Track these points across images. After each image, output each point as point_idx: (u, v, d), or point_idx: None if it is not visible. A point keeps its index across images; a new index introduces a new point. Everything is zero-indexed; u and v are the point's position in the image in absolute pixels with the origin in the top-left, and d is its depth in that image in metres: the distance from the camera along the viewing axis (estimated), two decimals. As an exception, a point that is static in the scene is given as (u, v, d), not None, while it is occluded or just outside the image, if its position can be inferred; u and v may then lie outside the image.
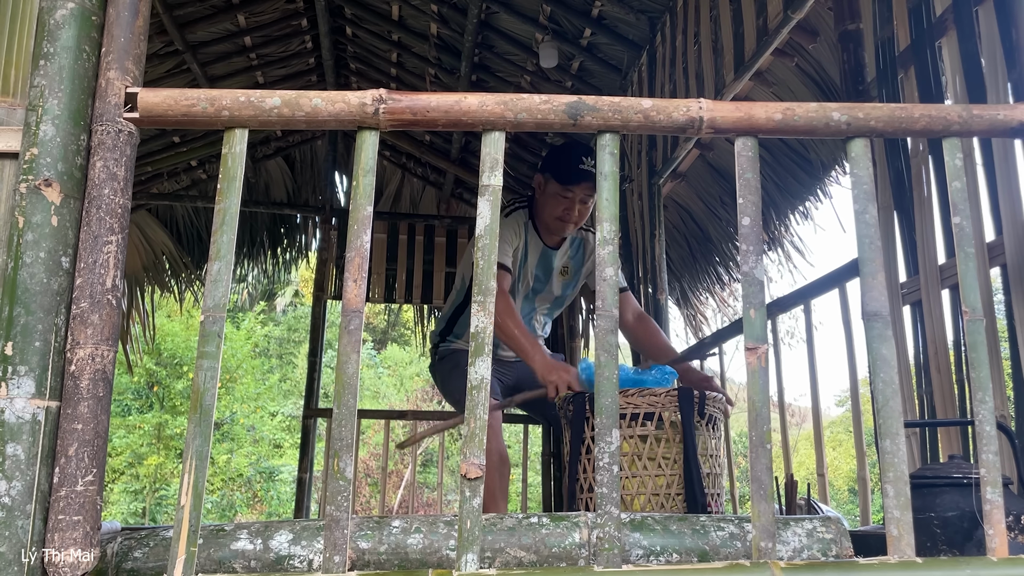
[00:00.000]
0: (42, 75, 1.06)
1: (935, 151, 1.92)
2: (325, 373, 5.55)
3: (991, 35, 1.77)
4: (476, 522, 0.96)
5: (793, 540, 1.20)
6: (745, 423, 2.27)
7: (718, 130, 1.12)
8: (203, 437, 0.98)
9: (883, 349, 1.06)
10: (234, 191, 1.06)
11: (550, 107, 1.10)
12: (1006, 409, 1.67)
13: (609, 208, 1.09)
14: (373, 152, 1.09)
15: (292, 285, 13.86)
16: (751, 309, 1.06)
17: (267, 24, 4.16)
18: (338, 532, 0.96)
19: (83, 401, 0.99)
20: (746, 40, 2.65)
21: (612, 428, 1.01)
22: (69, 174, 1.04)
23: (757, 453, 1.01)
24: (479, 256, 1.06)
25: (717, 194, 4.21)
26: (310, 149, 5.42)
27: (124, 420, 11.72)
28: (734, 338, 3.29)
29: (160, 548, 1.16)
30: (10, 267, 1.01)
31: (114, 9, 1.11)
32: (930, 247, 1.92)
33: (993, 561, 0.98)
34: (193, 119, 1.08)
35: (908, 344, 1.98)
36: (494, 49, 4.08)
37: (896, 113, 1.12)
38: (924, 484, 1.35)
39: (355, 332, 1.02)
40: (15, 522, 0.94)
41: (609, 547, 0.97)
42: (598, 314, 1.05)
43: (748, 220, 1.08)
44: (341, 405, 1.00)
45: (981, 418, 1.04)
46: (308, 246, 5.75)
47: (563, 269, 2.67)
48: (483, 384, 1.01)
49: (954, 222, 1.11)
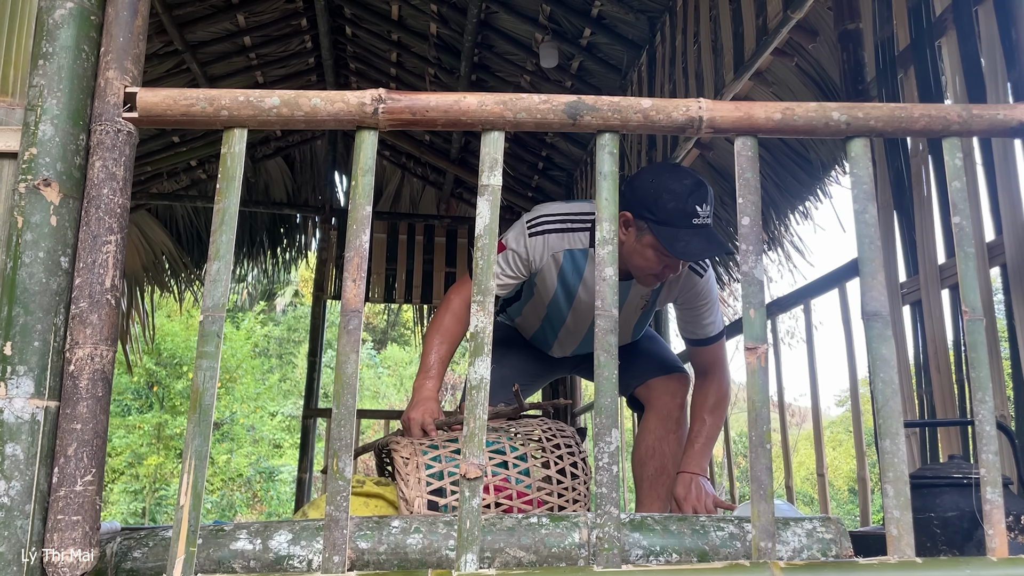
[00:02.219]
0: (41, 75, 1.06)
1: (935, 151, 1.92)
2: (325, 373, 5.56)
3: (991, 35, 1.77)
4: (476, 522, 0.96)
5: (793, 540, 1.20)
6: (745, 423, 2.25)
7: (718, 130, 1.12)
8: (202, 437, 0.98)
9: (883, 349, 1.06)
10: (233, 191, 1.05)
11: (549, 107, 1.10)
12: (1006, 409, 1.67)
13: (609, 208, 1.09)
14: (372, 152, 1.09)
15: (292, 285, 13.86)
16: (751, 309, 1.05)
17: (267, 24, 4.16)
18: (337, 532, 0.96)
19: (82, 401, 0.99)
20: (746, 40, 2.65)
21: (612, 428, 1.01)
22: (68, 174, 1.04)
23: (757, 453, 1.01)
24: (478, 256, 1.06)
25: (717, 194, 4.20)
26: (310, 149, 5.42)
27: (124, 420, 11.72)
28: (734, 338, 3.29)
29: (159, 548, 1.16)
30: (9, 267, 1.01)
31: (113, 9, 1.11)
32: (930, 247, 1.92)
33: (993, 561, 0.98)
34: (192, 119, 1.08)
35: (908, 344, 1.98)
36: (494, 49, 4.08)
37: (896, 113, 1.12)
38: (924, 484, 1.35)
39: (354, 332, 1.02)
40: (14, 522, 0.94)
41: (609, 547, 0.97)
42: (597, 314, 1.05)
43: (748, 220, 1.08)
44: (340, 405, 1.00)
45: (981, 418, 1.04)
46: (308, 246, 5.75)
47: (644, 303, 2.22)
48: (483, 384, 1.01)
49: (954, 222, 1.11)
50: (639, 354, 2.33)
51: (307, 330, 9.66)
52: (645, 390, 2.30)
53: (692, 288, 2.12)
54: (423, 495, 1.65)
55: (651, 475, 2.23)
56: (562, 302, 2.18)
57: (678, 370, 2.32)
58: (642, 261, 1.93)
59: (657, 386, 2.28)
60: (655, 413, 2.26)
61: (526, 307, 2.30)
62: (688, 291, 2.13)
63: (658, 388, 2.28)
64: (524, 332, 2.41)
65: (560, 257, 2.08)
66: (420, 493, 1.65)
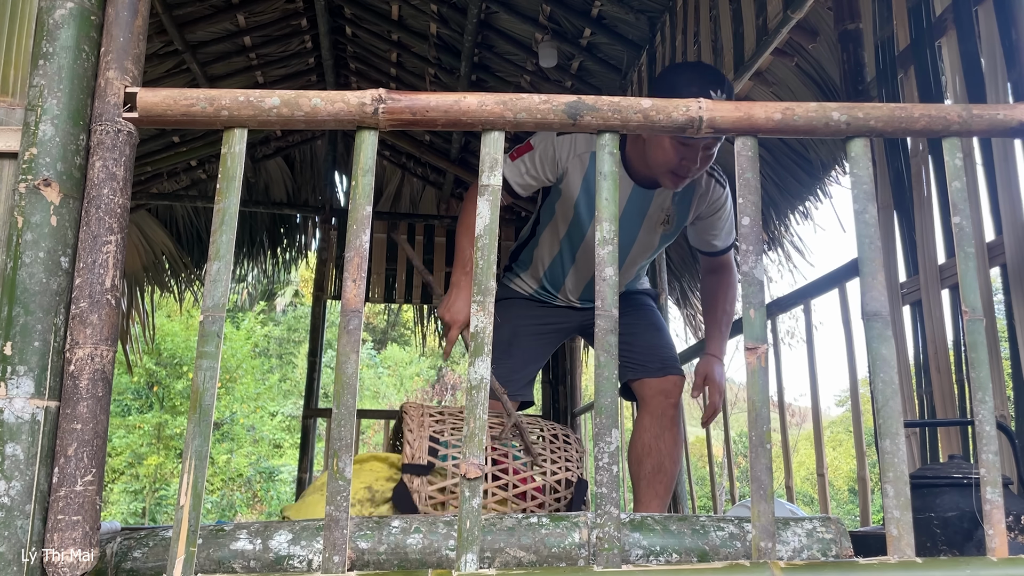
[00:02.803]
0: (41, 75, 1.06)
1: (935, 151, 1.92)
2: (325, 373, 5.55)
3: (991, 35, 1.77)
4: (476, 522, 0.96)
5: (793, 540, 1.20)
6: (745, 423, 2.26)
7: (718, 130, 1.12)
8: (202, 437, 0.98)
9: (883, 349, 1.06)
10: (233, 191, 1.06)
11: (549, 107, 1.10)
12: (1006, 409, 1.67)
13: (609, 208, 1.09)
14: (372, 152, 1.09)
15: (292, 285, 13.87)
16: (751, 309, 1.05)
17: (267, 24, 4.16)
18: (337, 532, 0.96)
19: (82, 401, 0.99)
20: (746, 40, 2.65)
21: (612, 428, 1.01)
22: (68, 174, 1.04)
23: (757, 453, 1.01)
24: (479, 256, 1.06)
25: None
26: (310, 149, 5.42)
27: (124, 420, 11.73)
28: (734, 338, 3.29)
29: (159, 548, 1.16)
30: (9, 267, 1.01)
31: (113, 9, 1.11)
32: (930, 247, 1.92)
33: (993, 561, 0.98)
34: (192, 119, 1.08)
35: (908, 344, 1.98)
36: (494, 49, 4.08)
37: (896, 113, 1.12)
38: (924, 484, 1.35)
39: (354, 332, 1.02)
40: (14, 522, 0.94)
41: (609, 547, 0.97)
42: (598, 313, 1.05)
43: (748, 220, 1.08)
44: (340, 405, 1.00)
45: (981, 418, 1.04)
46: (308, 246, 5.75)
47: (665, 219, 2.23)
48: (483, 384, 1.01)
49: (954, 222, 1.11)
50: (641, 344, 2.34)
51: (307, 330, 9.66)
52: (640, 386, 2.33)
53: (717, 199, 2.27)
54: (425, 438, 1.76)
55: (649, 472, 2.23)
56: (583, 214, 2.23)
57: (675, 371, 2.33)
58: (661, 154, 1.99)
59: (653, 385, 2.30)
60: (650, 412, 2.29)
61: (544, 233, 2.34)
62: (713, 201, 2.26)
63: (653, 387, 2.30)
64: (534, 279, 2.44)
65: (587, 159, 2.14)
66: (423, 436, 1.77)
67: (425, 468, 1.73)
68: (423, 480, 1.72)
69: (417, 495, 1.70)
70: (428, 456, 1.74)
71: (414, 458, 1.73)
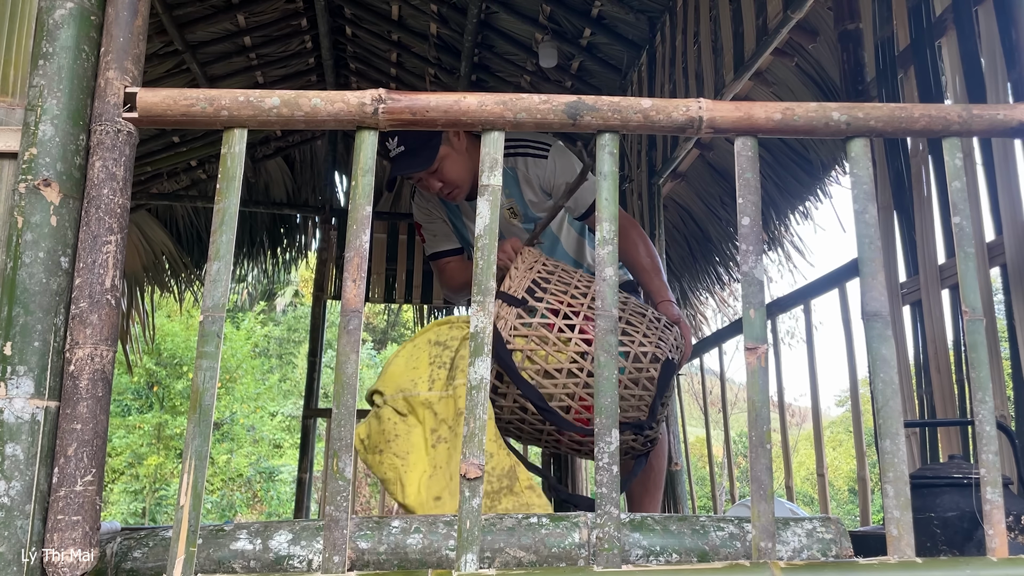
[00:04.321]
0: (41, 75, 1.06)
1: (935, 151, 1.92)
2: (325, 373, 5.55)
3: (991, 35, 1.77)
4: (476, 522, 0.96)
5: (793, 540, 1.20)
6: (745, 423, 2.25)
7: (718, 130, 1.12)
8: (202, 437, 0.98)
9: (883, 349, 1.06)
10: (233, 191, 1.06)
11: (549, 107, 1.10)
12: (1006, 409, 1.67)
13: (609, 208, 1.09)
14: (372, 152, 1.09)
15: (292, 285, 13.87)
16: (751, 309, 1.05)
17: (267, 24, 4.16)
18: (337, 532, 0.96)
19: (82, 401, 0.99)
20: (746, 40, 2.65)
21: (612, 428, 1.01)
22: (68, 174, 1.04)
23: (757, 453, 1.01)
24: (478, 256, 1.06)
25: (717, 194, 4.21)
26: (310, 149, 5.42)
27: (124, 420, 11.72)
28: (734, 338, 3.29)
29: (159, 548, 1.16)
30: (9, 267, 1.01)
31: (113, 9, 1.11)
32: (930, 247, 1.92)
33: (993, 561, 0.98)
34: (192, 119, 1.08)
35: (908, 344, 1.98)
36: (494, 49, 4.08)
37: (896, 113, 1.12)
38: (924, 484, 1.35)
39: (354, 332, 1.02)
40: (14, 522, 0.94)
41: (609, 547, 0.97)
42: (597, 313, 1.05)
43: (748, 220, 1.08)
44: (340, 405, 1.00)
45: (981, 418, 1.04)
46: (308, 246, 5.75)
47: (510, 211, 2.44)
48: (483, 384, 1.01)
49: (954, 222, 1.11)
50: None
51: (307, 330, 9.66)
52: None
53: (545, 167, 2.33)
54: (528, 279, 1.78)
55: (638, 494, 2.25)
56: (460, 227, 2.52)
57: None
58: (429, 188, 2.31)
59: None
60: None
61: None
62: (546, 173, 2.34)
63: None
64: None
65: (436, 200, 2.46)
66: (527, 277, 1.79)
67: (519, 301, 1.73)
68: (511, 310, 1.71)
69: (504, 321, 1.70)
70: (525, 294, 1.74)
71: (511, 290, 1.72)
